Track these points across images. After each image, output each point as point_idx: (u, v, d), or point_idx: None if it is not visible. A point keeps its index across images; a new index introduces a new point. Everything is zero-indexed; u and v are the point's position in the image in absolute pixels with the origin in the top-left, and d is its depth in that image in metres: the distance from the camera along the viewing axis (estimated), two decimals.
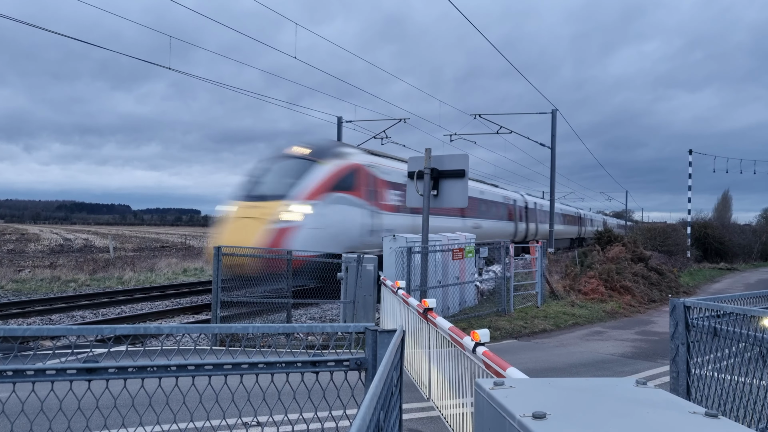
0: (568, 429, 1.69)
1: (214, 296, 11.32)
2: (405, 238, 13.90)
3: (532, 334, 13.70)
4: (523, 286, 17.76)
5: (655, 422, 1.74)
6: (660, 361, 10.44)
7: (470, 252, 16.26)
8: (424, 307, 7.20)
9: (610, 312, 17.03)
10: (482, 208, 30.69)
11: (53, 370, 2.67)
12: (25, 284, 21.75)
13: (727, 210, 64.35)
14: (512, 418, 1.81)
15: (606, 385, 2.17)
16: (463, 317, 14.67)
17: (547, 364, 10.26)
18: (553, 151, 32.09)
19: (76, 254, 38.57)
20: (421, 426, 6.45)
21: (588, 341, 12.84)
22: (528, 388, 2.17)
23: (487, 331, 4.86)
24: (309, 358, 2.87)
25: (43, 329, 2.80)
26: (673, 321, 4.30)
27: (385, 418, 2.14)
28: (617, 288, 19.78)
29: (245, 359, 2.83)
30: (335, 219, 17.90)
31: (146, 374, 2.76)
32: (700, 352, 4.17)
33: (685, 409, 1.87)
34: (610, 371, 9.90)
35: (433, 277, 13.82)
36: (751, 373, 3.82)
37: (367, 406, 1.56)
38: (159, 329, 2.95)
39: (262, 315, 12.77)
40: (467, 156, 11.72)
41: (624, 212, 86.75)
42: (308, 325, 3.03)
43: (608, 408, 1.88)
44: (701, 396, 4.15)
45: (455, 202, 11.81)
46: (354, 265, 12.27)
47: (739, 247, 45.72)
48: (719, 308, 4.11)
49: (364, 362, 2.89)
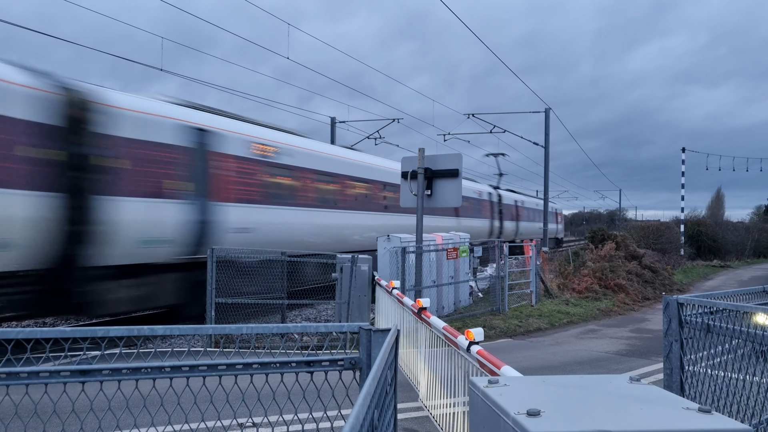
0: (563, 426, 1.69)
1: (209, 297, 11.30)
2: (399, 238, 13.91)
3: (527, 332, 13.72)
4: (518, 284, 17.79)
5: (648, 418, 1.75)
6: (654, 359, 10.47)
7: (464, 251, 16.29)
8: (418, 307, 7.20)
9: (604, 310, 17.08)
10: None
11: (47, 372, 2.66)
12: None
13: (720, 208, 64.62)
14: (507, 416, 1.82)
15: (600, 383, 2.18)
16: (458, 317, 14.69)
17: (542, 363, 10.28)
18: (546, 151, 32.14)
19: None
20: (417, 425, 6.45)
21: (582, 339, 12.87)
22: (522, 386, 2.17)
23: (481, 329, 4.87)
24: (303, 358, 2.87)
25: (37, 331, 2.79)
26: (666, 318, 4.32)
27: (379, 416, 2.14)
28: (611, 286, 19.85)
29: (240, 360, 2.83)
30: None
31: (140, 376, 2.75)
32: (693, 348, 4.19)
33: (679, 405, 1.88)
34: (604, 369, 9.92)
35: (427, 276, 13.83)
36: (744, 369, 3.85)
37: (360, 404, 1.56)
38: (152, 330, 2.94)
39: (257, 316, 12.74)
40: (461, 155, 11.74)
41: (618, 211, 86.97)
42: (302, 326, 3.03)
43: (602, 405, 1.89)
44: (695, 392, 4.16)
45: (449, 202, 11.84)
46: (348, 265, 12.25)
47: (732, 244, 45.92)
48: (712, 305, 4.13)
49: (359, 362, 2.89)
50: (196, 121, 13.19)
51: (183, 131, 12.63)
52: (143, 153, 11.71)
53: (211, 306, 11.30)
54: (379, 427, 2.11)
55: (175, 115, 12.70)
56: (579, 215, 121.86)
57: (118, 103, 11.45)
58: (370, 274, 12.55)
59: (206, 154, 13.16)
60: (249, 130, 14.95)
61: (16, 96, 9.76)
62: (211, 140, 13.30)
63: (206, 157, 13.18)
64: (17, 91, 9.80)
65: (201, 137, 13.04)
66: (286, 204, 15.85)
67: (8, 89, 9.67)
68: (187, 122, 12.84)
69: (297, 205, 16.32)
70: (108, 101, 11.26)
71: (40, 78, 10.41)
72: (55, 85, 10.55)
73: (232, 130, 14.21)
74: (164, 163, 12.13)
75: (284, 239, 15.11)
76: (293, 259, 12.91)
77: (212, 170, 13.32)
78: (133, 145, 11.50)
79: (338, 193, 18.52)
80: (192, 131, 12.85)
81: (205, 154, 13.14)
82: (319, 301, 14.70)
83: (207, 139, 13.19)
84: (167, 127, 12.29)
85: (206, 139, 13.16)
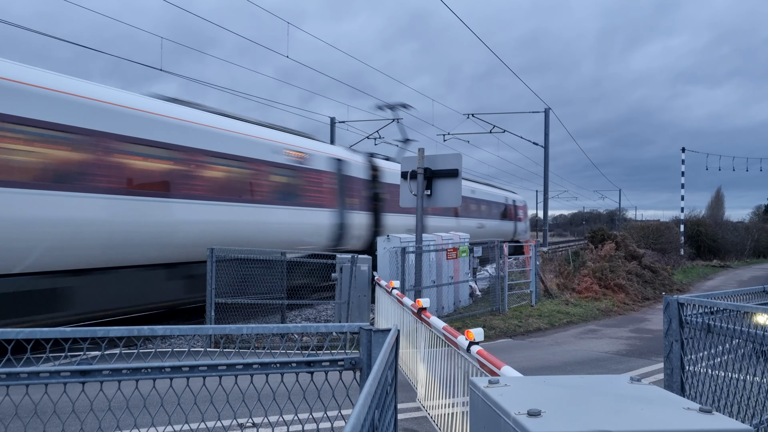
0: (564, 426, 1.69)
1: (208, 297, 11.29)
2: (399, 238, 13.91)
3: (527, 332, 13.72)
4: (518, 285, 17.78)
5: (650, 418, 1.75)
6: (654, 359, 10.47)
7: (464, 251, 16.28)
8: (418, 307, 7.20)
9: (604, 310, 17.08)
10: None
11: (47, 372, 2.65)
12: None
13: (720, 207, 64.54)
14: (507, 416, 1.81)
15: (601, 383, 2.18)
16: (458, 317, 14.69)
17: (542, 363, 10.28)
18: (546, 151, 32.15)
19: None
20: (417, 425, 6.45)
21: (582, 339, 12.87)
22: (523, 386, 2.17)
23: (481, 330, 4.86)
24: (304, 358, 2.86)
25: (37, 332, 2.78)
26: (666, 318, 4.32)
27: (380, 417, 2.14)
28: (611, 286, 19.85)
29: (240, 360, 2.82)
30: None
31: (140, 376, 2.75)
32: (694, 348, 4.18)
33: (680, 405, 1.87)
34: (604, 369, 9.92)
35: (427, 276, 13.83)
36: (745, 369, 3.84)
37: (361, 404, 1.56)
38: (153, 331, 2.94)
39: (257, 316, 12.74)
40: (460, 155, 11.74)
41: (617, 211, 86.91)
42: (303, 326, 3.03)
43: (603, 405, 1.89)
44: (695, 393, 4.16)
45: (449, 202, 11.83)
46: (348, 265, 12.25)
47: (732, 244, 45.90)
48: (713, 305, 4.13)
49: (359, 362, 2.89)
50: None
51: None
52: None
53: (211, 306, 11.29)
54: (379, 427, 2.11)
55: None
56: (578, 215, 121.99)
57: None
58: (369, 274, 12.55)
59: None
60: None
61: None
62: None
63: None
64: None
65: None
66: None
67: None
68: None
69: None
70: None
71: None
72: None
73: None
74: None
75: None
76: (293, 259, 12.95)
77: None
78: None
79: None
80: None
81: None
82: (319, 302, 14.71)
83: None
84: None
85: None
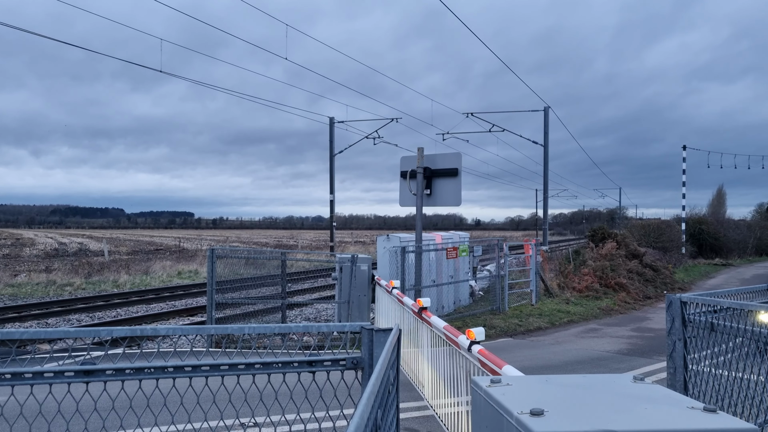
0: (566, 425, 1.69)
1: (209, 298, 11.30)
2: (399, 238, 13.90)
3: (528, 332, 13.71)
4: (518, 284, 17.77)
5: (654, 418, 1.74)
6: (656, 358, 10.46)
7: (464, 251, 16.28)
8: (418, 307, 7.20)
9: (605, 309, 17.06)
10: None
11: (51, 372, 2.66)
12: (21, 288, 21.65)
13: (722, 205, 64.37)
14: (510, 415, 1.81)
15: (603, 382, 2.17)
16: (458, 316, 14.68)
17: (543, 362, 10.27)
18: (545, 150, 32.10)
19: (71, 258, 38.38)
20: (418, 425, 6.45)
21: (583, 338, 12.86)
22: (525, 385, 2.17)
23: (482, 329, 4.86)
24: (306, 358, 2.86)
25: (41, 332, 2.79)
26: (669, 317, 4.31)
27: (382, 416, 2.14)
28: (612, 285, 19.84)
29: (242, 360, 2.82)
30: None
31: (144, 376, 2.75)
32: (697, 347, 4.18)
33: (684, 404, 1.87)
34: (606, 368, 9.91)
35: (427, 276, 13.82)
36: (749, 368, 3.83)
37: (364, 404, 1.56)
38: (155, 331, 2.94)
39: (257, 316, 12.75)
40: (460, 155, 11.73)
41: (617, 209, 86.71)
42: (304, 325, 3.03)
43: (606, 404, 1.88)
44: (699, 392, 4.16)
45: (448, 202, 11.81)
46: (348, 265, 12.25)
47: (734, 242, 45.82)
48: (716, 303, 4.12)
49: (361, 361, 2.89)
50: None
51: None
52: None
53: (211, 306, 11.29)
54: (382, 426, 2.11)
55: None
56: (579, 214, 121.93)
57: None
58: (369, 274, 12.55)
59: None
60: None
61: None
62: None
63: None
64: None
65: None
66: None
67: None
68: None
69: None
70: None
71: None
72: None
73: None
74: None
75: None
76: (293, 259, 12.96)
77: None
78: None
79: None
80: None
81: None
82: (319, 301, 14.72)
83: None
84: None
85: None
